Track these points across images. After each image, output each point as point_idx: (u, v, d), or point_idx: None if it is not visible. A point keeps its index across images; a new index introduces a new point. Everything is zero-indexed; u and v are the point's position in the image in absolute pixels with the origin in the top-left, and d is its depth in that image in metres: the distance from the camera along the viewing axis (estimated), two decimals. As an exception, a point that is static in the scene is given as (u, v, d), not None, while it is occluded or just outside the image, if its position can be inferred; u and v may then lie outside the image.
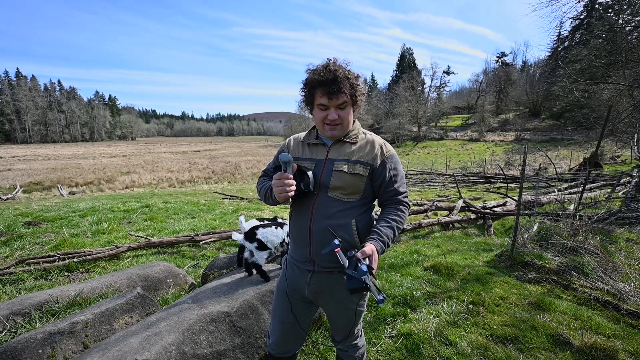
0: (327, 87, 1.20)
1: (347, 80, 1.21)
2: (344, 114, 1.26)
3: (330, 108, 1.24)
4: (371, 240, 1.20)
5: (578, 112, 25.42)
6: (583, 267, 3.21)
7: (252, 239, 2.32)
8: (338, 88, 1.19)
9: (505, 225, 5.59)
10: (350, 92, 1.23)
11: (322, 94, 1.22)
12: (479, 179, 13.77)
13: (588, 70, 16.03)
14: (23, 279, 3.34)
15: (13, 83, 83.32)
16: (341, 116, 1.25)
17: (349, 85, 1.22)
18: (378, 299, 0.96)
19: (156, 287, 2.86)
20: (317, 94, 1.24)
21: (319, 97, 1.24)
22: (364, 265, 1.03)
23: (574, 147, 26.78)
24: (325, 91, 1.20)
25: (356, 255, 1.07)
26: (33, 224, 5.47)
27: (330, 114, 1.24)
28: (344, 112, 1.26)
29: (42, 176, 20.56)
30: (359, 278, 1.00)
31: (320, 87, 1.21)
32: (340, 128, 1.28)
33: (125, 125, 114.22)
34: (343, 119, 1.26)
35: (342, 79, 1.20)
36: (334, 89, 1.19)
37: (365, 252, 1.10)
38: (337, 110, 1.24)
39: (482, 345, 2.17)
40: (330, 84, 1.19)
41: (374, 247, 1.16)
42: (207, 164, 28.80)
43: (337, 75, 1.19)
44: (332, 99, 1.22)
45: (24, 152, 45.38)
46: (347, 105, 1.25)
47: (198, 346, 1.71)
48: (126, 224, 5.94)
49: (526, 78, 47.10)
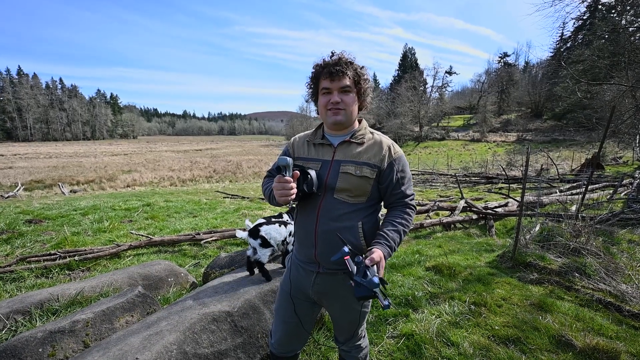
0: (330, 68, 1.21)
1: (351, 65, 1.24)
2: (348, 100, 1.25)
3: (333, 91, 1.24)
4: (378, 245, 1.18)
5: (580, 113, 25.35)
6: (585, 268, 3.20)
7: (256, 235, 2.31)
8: (341, 69, 1.21)
9: (507, 226, 5.58)
10: (354, 77, 1.24)
11: (325, 77, 1.24)
12: (481, 180, 13.74)
13: (591, 71, 15.98)
14: (24, 277, 3.34)
15: (15, 81, 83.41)
16: (344, 101, 1.25)
17: (352, 69, 1.24)
18: (384, 305, 0.94)
19: (157, 286, 2.85)
20: (321, 79, 1.26)
21: (322, 82, 1.25)
22: (376, 277, 0.99)
23: (575, 148, 26.70)
24: (328, 73, 1.22)
25: (364, 261, 1.05)
26: (34, 222, 5.48)
27: (333, 97, 1.24)
28: (347, 97, 1.25)
29: (44, 174, 20.60)
30: (367, 287, 0.98)
31: (323, 71, 1.24)
32: (344, 114, 1.26)
33: (126, 123, 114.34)
34: (347, 105, 1.25)
35: (346, 62, 1.23)
36: (337, 69, 1.21)
37: (373, 259, 1.07)
38: (340, 94, 1.24)
39: (484, 346, 2.16)
40: (334, 65, 1.21)
41: (382, 252, 1.13)
42: (208, 163, 28.81)
43: (340, 58, 1.23)
44: (335, 80, 1.22)
45: (26, 150, 45.48)
46: (350, 90, 1.25)
47: (199, 346, 1.71)
48: (127, 222, 5.94)
49: (528, 78, 46.97)
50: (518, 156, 23.41)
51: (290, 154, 1.43)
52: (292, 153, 1.43)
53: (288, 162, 1.15)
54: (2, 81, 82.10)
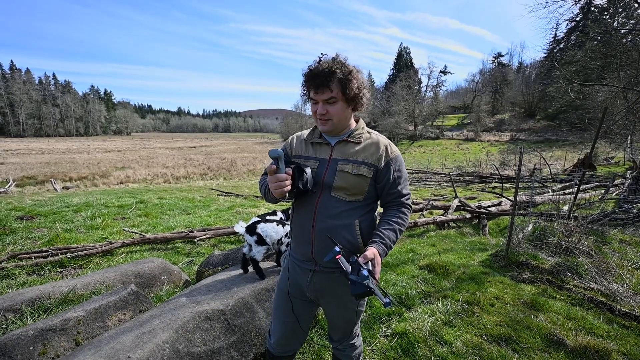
0: (312, 81, 1.19)
1: (333, 75, 1.17)
2: (334, 110, 1.23)
3: (319, 102, 1.23)
4: (373, 243, 1.19)
5: (573, 113, 25.64)
6: (577, 267, 3.24)
7: (253, 232, 2.31)
8: (322, 82, 1.17)
9: (500, 225, 5.63)
10: (339, 87, 1.19)
11: (310, 87, 1.22)
12: (475, 179, 13.85)
13: (583, 72, 16.17)
14: (15, 274, 3.29)
15: (7, 76, 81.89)
16: (330, 112, 1.23)
17: (337, 80, 1.18)
18: (384, 302, 0.96)
19: (150, 284, 2.83)
20: (308, 87, 1.24)
21: (310, 90, 1.24)
22: (365, 270, 1.03)
23: (568, 148, 27.02)
24: (312, 85, 1.20)
25: (358, 260, 1.07)
26: (26, 219, 5.39)
27: (319, 108, 1.23)
28: (333, 107, 1.23)
29: (36, 170, 20.26)
30: (362, 283, 1.00)
31: (308, 81, 1.21)
32: (331, 124, 1.26)
33: (120, 120, 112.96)
34: (333, 115, 1.23)
35: (328, 74, 1.16)
36: (317, 83, 1.18)
37: (367, 257, 1.09)
38: (325, 105, 1.22)
39: (477, 345, 2.18)
40: (315, 78, 1.18)
41: (376, 250, 1.15)
42: (202, 160, 28.60)
43: (322, 70, 1.17)
44: (318, 93, 1.21)
45: (18, 146, 44.68)
46: (336, 101, 1.22)
47: (192, 344, 1.70)
48: (120, 219, 5.88)
49: (522, 79, 47.36)
50: (511, 156, 23.64)
51: (288, 152, 1.43)
52: (290, 152, 1.42)
53: (278, 154, 1.14)
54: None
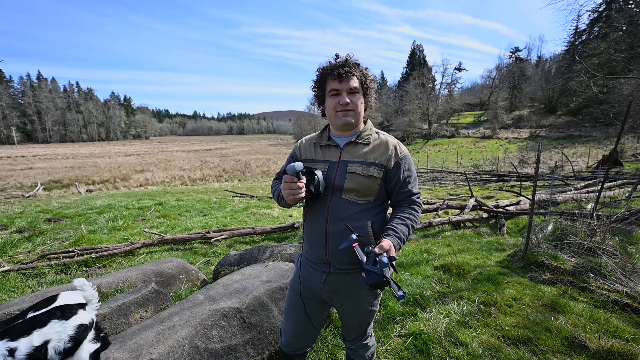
0: (338, 70, 1.23)
1: (357, 66, 1.26)
2: (356, 100, 1.27)
3: (342, 93, 1.25)
4: (387, 236, 1.18)
5: (596, 108, 24.57)
6: (600, 268, 3.12)
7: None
8: (349, 70, 1.23)
9: (518, 225, 5.47)
10: (361, 78, 1.27)
11: (333, 78, 1.25)
12: (492, 178, 13.48)
13: (607, 65, 15.44)
14: (44, 273, 3.48)
15: (35, 85, 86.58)
16: (353, 102, 1.26)
17: (359, 71, 1.26)
18: (398, 295, 0.94)
19: (169, 283, 2.93)
20: (328, 81, 1.27)
21: (330, 83, 1.26)
22: (385, 257, 0.99)
23: (592, 144, 25.86)
24: (337, 74, 1.23)
25: (374, 250, 1.05)
26: (53, 221, 5.68)
27: (342, 98, 1.25)
28: (355, 98, 1.27)
29: (61, 174, 21.25)
30: (379, 272, 0.97)
31: (331, 73, 1.25)
32: (353, 115, 1.28)
33: (139, 124, 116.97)
34: (356, 106, 1.27)
35: (353, 63, 1.25)
36: (345, 71, 1.23)
37: (383, 247, 1.08)
38: (348, 95, 1.26)
39: (494, 347, 2.14)
40: (341, 67, 1.23)
41: (391, 242, 1.14)
42: (218, 163, 29.17)
43: (347, 59, 1.25)
44: (343, 82, 1.24)
45: (45, 151, 46.98)
46: (358, 92, 1.27)
47: (210, 341, 1.75)
48: (140, 220, 6.09)
49: (541, 73, 45.74)
50: (531, 153, 22.89)
51: (298, 156, 1.45)
52: (300, 155, 1.44)
53: (296, 169, 1.15)
54: (23, 86, 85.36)
